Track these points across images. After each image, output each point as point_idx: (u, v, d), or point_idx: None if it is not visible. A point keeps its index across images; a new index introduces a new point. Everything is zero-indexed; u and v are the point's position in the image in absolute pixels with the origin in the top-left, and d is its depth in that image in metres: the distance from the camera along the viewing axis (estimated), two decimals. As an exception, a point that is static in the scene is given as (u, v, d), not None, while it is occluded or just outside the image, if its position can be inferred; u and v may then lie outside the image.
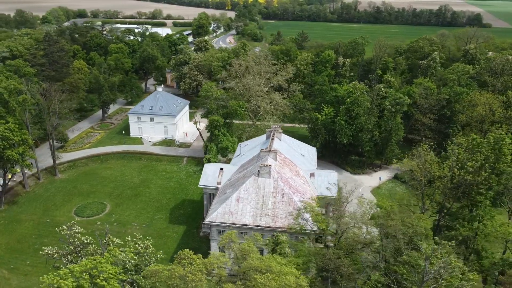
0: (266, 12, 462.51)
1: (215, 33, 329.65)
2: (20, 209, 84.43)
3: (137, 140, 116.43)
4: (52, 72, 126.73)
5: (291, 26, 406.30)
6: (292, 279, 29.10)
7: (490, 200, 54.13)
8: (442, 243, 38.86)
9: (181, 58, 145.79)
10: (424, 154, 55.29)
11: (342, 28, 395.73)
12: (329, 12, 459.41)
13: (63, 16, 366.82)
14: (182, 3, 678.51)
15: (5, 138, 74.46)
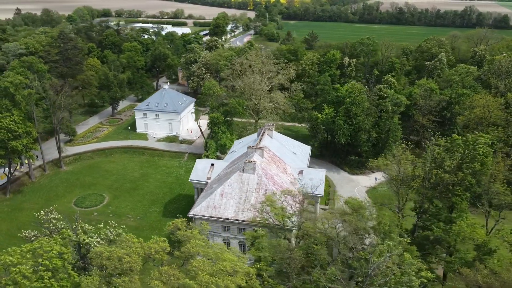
0: (286, 12, 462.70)
1: (233, 33, 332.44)
2: (24, 198, 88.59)
3: (142, 136, 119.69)
4: (65, 68, 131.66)
5: (311, 26, 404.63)
6: (228, 265, 30.43)
7: (468, 201, 53.78)
8: (399, 240, 39.21)
9: (191, 56, 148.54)
10: (399, 154, 55.39)
11: (363, 29, 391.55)
12: (350, 13, 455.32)
13: (88, 15, 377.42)
14: (206, 3, 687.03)
15: (9, 129, 78.53)
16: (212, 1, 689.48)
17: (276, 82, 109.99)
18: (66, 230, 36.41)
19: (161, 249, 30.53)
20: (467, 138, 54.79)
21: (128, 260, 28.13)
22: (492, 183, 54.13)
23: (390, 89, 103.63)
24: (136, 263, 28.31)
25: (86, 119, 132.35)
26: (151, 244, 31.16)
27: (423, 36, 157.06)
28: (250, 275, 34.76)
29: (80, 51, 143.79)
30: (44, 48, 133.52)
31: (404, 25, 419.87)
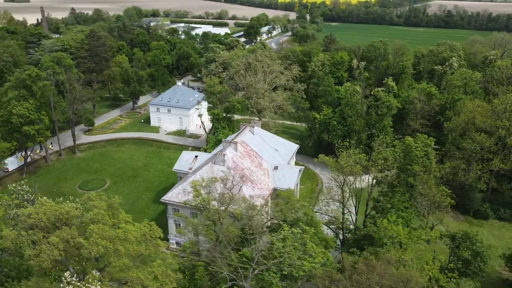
0: (329, 14, 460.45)
1: (270, 34, 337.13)
2: (37, 179, 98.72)
3: (154, 129, 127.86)
4: (93, 64, 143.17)
5: (353, 28, 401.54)
6: (120, 232, 35.51)
7: (408, 201, 54.97)
8: (305, 229, 42.24)
9: (210, 56, 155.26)
10: (340, 153, 57.55)
11: (406, 32, 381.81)
12: (395, 16, 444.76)
13: (136, 15, 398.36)
14: (253, 4, 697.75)
15: (22, 115, 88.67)
16: (260, 2, 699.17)
17: (279, 82, 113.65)
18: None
19: (66, 213, 36.17)
20: (407, 140, 56.04)
21: (34, 216, 34.12)
22: (425, 183, 54.87)
23: (388, 92, 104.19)
24: (42, 221, 34.23)
25: (109, 111, 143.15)
26: (63, 208, 37.00)
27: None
28: (157, 247, 39.72)
29: (109, 48, 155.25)
30: (76, 45, 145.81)
31: (452, 28, 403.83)
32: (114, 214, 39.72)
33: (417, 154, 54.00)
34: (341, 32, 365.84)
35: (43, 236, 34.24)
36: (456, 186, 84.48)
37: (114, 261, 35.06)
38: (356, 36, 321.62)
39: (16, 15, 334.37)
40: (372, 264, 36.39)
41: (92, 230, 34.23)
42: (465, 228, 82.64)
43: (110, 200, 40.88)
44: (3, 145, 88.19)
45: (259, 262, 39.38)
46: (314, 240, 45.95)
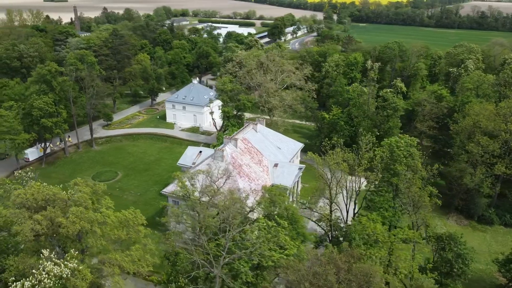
0: (358, 15, 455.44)
1: (295, 34, 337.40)
2: (55, 169, 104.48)
3: (170, 125, 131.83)
4: (114, 62, 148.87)
5: (381, 29, 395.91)
6: (99, 215, 38.18)
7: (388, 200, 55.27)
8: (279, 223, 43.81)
9: (228, 55, 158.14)
10: (325, 151, 58.38)
11: (437, 33, 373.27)
12: (426, 17, 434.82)
13: (165, 15, 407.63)
14: (282, 4, 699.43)
15: (41, 108, 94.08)
16: (289, 2, 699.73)
17: (289, 82, 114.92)
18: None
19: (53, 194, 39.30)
20: (388, 140, 56.43)
21: (22, 196, 37.45)
22: (407, 183, 54.94)
23: (397, 93, 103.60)
24: (29, 200, 37.54)
25: (128, 107, 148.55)
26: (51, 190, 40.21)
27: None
28: (138, 232, 42.30)
29: (132, 46, 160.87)
30: (100, 43, 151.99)
31: (486, 30, 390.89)
32: (98, 200, 42.58)
33: (399, 153, 54.34)
34: (368, 33, 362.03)
35: (29, 216, 37.48)
36: (461, 190, 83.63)
37: (92, 242, 37.88)
38: (383, 37, 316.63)
39: (53, 14, 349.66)
40: (333, 257, 37.48)
41: (72, 211, 37.18)
42: (467, 232, 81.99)
43: (95, 186, 43.81)
44: (23, 136, 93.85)
45: (231, 251, 41.28)
46: (292, 234, 47.38)
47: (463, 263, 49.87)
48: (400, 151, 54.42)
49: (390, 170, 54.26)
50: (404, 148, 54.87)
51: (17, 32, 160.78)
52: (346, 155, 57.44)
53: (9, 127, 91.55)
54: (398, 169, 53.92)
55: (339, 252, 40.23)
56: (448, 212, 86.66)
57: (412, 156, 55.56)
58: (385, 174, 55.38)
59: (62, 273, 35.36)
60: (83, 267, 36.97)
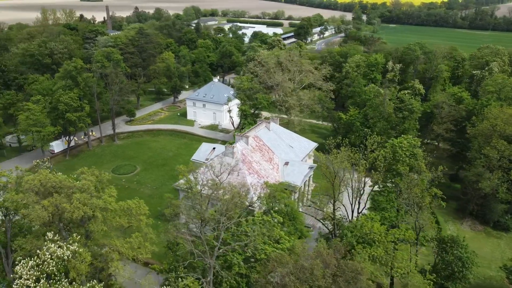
0: (388, 15, 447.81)
1: (322, 34, 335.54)
2: (78, 161, 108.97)
3: (190, 122, 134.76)
4: (140, 59, 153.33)
5: (411, 31, 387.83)
6: (101, 202, 40.33)
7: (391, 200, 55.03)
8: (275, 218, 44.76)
9: (250, 54, 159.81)
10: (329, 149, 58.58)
11: (469, 35, 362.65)
12: (460, 18, 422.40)
13: (194, 15, 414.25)
14: (312, 4, 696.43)
15: (66, 103, 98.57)
16: (319, 3, 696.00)
17: (307, 81, 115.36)
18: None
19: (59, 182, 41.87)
20: (392, 141, 56.17)
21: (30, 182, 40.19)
22: (409, 183, 54.43)
23: (415, 95, 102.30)
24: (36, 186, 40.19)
25: (152, 104, 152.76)
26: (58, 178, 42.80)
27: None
28: (140, 221, 44.36)
29: (158, 45, 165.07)
30: (126, 42, 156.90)
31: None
32: (102, 188, 44.92)
33: (401, 154, 54.03)
34: (397, 34, 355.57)
35: (37, 200, 40.13)
36: (476, 195, 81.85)
37: (94, 227, 40.16)
38: (412, 38, 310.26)
39: (87, 13, 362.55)
40: (320, 252, 38.08)
41: (76, 197, 39.58)
42: (480, 238, 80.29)
43: (100, 175, 46.20)
44: (49, 129, 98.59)
45: (226, 242, 42.63)
46: (290, 229, 48.25)
47: (463, 266, 49.29)
48: (403, 151, 54.18)
49: (393, 171, 54.14)
50: (407, 149, 54.59)
51: (49, 30, 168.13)
52: (351, 154, 57.66)
53: (36, 120, 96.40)
54: (400, 169, 53.74)
55: (329, 247, 40.84)
56: (463, 217, 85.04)
57: (415, 156, 55.18)
58: (388, 174, 55.31)
59: (64, 255, 37.75)
60: (83, 250, 39.28)
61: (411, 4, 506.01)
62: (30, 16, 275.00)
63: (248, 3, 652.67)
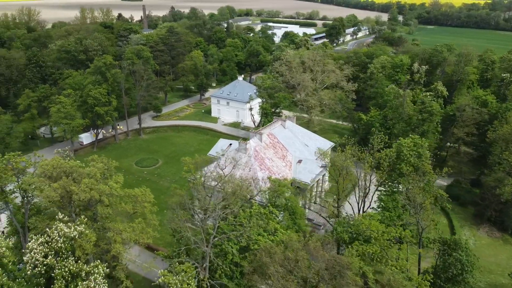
0: (426, 16, 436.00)
1: (355, 35, 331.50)
2: (105, 153, 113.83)
3: (214, 119, 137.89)
4: (169, 57, 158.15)
5: (449, 32, 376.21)
6: (106, 187, 43.16)
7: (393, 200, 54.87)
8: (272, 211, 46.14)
9: (277, 54, 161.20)
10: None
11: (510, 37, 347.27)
12: (502, 20, 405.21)
13: (228, 14, 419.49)
14: (348, 4, 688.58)
15: (95, 97, 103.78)
16: (356, 3, 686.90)
17: (328, 81, 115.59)
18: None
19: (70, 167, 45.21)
20: (399, 141, 56.01)
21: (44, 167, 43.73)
22: (411, 184, 54.01)
23: (437, 97, 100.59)
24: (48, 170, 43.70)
25: (179, 101, 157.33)
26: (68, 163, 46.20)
27: None
28: (144, 208, 47.09)
29: (188, 43, 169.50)
30: (157, 40, 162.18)
31: None
32: (110, 175, 47.99)
33: (406, 154, 53.85)
34: (434, 36, 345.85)
35: (48, 183, 43.67)
36: (495, 201, 79.71)
37: (100, 210, 43.18)
38: (449, 40, 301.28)
39: (126, 12, 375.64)
40: (307, 243, 39.07)
41: (84, 182, 42.75)
42: (497, 245, 78.13)
43: (108, 163, 49.29)
44: (78, 121, 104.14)
45: (222, 232, 44.51)
46: (289, 223, 49.54)
47: (462, 269, 48.83)
48: (407, 151, 54.12)
49: (397, 170, 54.14)
50: (412, 149, 54.44)
51: (85, 28, 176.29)
52: (354, 152, 58.15)
53: (66, 113, 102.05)
54: (404, 169, 53.68)
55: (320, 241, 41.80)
56: (481, 223, 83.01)
57: (421, 157, 54.93)
58: (392, 174, 55.35)
59: (70, 234, 40.89)
60: (89, 231, 42.33)
61: (451, 5, 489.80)
62: (70, 14, 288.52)
63: (283, 3, 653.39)
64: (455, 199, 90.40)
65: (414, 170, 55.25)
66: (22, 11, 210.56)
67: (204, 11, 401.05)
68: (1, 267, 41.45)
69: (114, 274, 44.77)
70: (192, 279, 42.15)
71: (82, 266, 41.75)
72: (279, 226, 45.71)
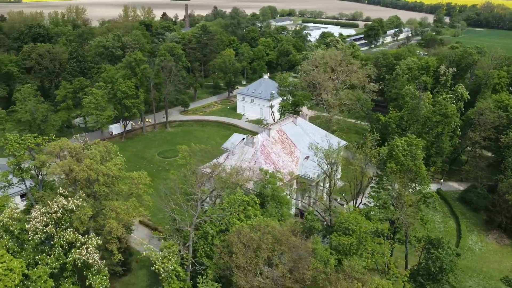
0: (475, 19, 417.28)
1: (396, 36, 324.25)
2: (131, 143, 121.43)
3: (238, 116, 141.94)
4: (201, 55, 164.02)
5: (499, 35, 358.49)
6: (103, 168, 47.82)
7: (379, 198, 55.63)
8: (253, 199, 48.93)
9: (306, 54, 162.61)
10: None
11: None
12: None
13: (270, 14, 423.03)
14: (396, 6, 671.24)
15: (123, 91, 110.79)
16: (403, 4, 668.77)
17: (349, 81, 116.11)
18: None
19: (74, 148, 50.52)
20: (395, 140, 56.67)
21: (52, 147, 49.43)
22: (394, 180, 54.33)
23: (457, 100, 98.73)
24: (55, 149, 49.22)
25: (208, 97, 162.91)
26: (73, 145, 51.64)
27: None
28: (138, 189, 51.48)
29: (221, 42, 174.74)
30: (190, 38, 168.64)
31: None
32: (111, 158, 52.82)
33: (397, 152, 54.40)
34: (481, 39, 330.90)
35: (54, 161, 49.20)
36: (506, 206, 77.75)
37: (97, 187, 48.03)
38: (496, 43, 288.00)
39: (171, 11, 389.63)
40: (273, 226, 41.40)
41: (85, 162, 47.80)
42: (506, 252, 76.16)
43: (109, 147, 54.15)
44: (107, 112, 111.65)
45: (204, 214, 47.94)
46: (273, 211, 52.17)
47: (440, 268, 49.30)
48: (399, 150, 54.90)
49: (387, 168, 54.98)
50: (404, 148, 55.17)
51: (124, 25, 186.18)
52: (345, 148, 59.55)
53: (97, 104, 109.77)
54: (393, 167, 54.39)
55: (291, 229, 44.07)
56: (491, 229, 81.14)
57: (414, 156, 55.43)
58: (383, 171, 56.24)
59: (68, 206, 46.00)
60: (87, 205, 47.28)
61: (504, 7, 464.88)
62: (115, 13, 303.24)
63: (328, 3, 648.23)
64: (469, 204, 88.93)
65: (402, 169, 55.72)
66: (71, 9, 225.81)
67: (246, 10, 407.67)
68: (8, 234, 47.30)
69: (107, 247, 49.47)
70: (174, 256, 45.96)
71: (77, 236, 46.74)
72: (259, 213, 48.47)
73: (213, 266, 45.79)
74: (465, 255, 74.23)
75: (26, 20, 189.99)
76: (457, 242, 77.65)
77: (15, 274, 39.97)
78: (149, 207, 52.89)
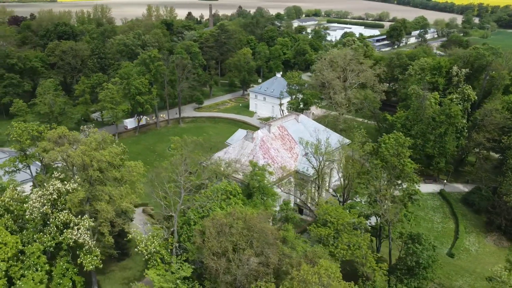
0: (507, 20, 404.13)
1: (421, 37, 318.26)
2: (145, 137, 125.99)
3: (250, 113, 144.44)
4: (217, 53, 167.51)
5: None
6: (97, 154, 51.30)
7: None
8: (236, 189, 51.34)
9: (321, 53, 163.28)
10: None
11: None
12: None
13: (294, 14, 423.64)
14: (426, 6, 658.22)
15: (137, 87, 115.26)
16: (434, 5, 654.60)
17: (357, 81, 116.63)
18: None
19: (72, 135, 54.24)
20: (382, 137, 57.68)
21: (50, 134, 53.29)
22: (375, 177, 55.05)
23: (465, 101, 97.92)
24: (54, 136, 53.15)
25: (223, 95, 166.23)
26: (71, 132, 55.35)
27: None
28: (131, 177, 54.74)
29: (238, 41, 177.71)
30: (207, 37, 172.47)
31: None
32: (107, 146, 56.30)
33: (383, 150, 55.32)
34: (510, 41, 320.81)
35: (53, 147, 53.17)
36: (506, 208, 76.94)
37: (91, 172, 51.55)
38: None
39: (196, 10, 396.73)
40: (244, 212, 43.45)
41: (80, 148, 51.49)
42: (504, 254, 75.23)
43: (104, 136, 57.66)
44: (121, 107, 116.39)
45: (188, 201, 50.68)
46: (256, 202, 54.32)
47: (417, 262, 50.14)
48: (386, 148, 55.92)
49: (370, 164, 55.98)
50: (391, 146, 56.18)
51: (144, 24, 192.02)
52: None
53: (112, 98, 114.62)
54: (375, 162, 55.34)
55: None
56: (490, 231, 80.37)
57: (400, 155, 56.27)
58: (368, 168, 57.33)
59: (62, 189, 49.76)
60: (81, 189, 50.94)
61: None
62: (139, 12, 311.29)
63: (355, 3, 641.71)
64: (471, 205, 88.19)
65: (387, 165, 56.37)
66: (97, 8, 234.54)
67: (270, 10, 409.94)
68: (9, 213, 51.50)
69: (99, 229, 52.98)
70: (157, 239, 48.94)
71: (71, 217, 50.41)
72: (240, 202, 50.75)
73: (195, 250, 48.41)
74: (460, 256, 74.25)
75: (53, 19, 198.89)
76: (453, 242, 77.51)
77: (8, 248, 43.90)
78: (141, 194, 56.11)
